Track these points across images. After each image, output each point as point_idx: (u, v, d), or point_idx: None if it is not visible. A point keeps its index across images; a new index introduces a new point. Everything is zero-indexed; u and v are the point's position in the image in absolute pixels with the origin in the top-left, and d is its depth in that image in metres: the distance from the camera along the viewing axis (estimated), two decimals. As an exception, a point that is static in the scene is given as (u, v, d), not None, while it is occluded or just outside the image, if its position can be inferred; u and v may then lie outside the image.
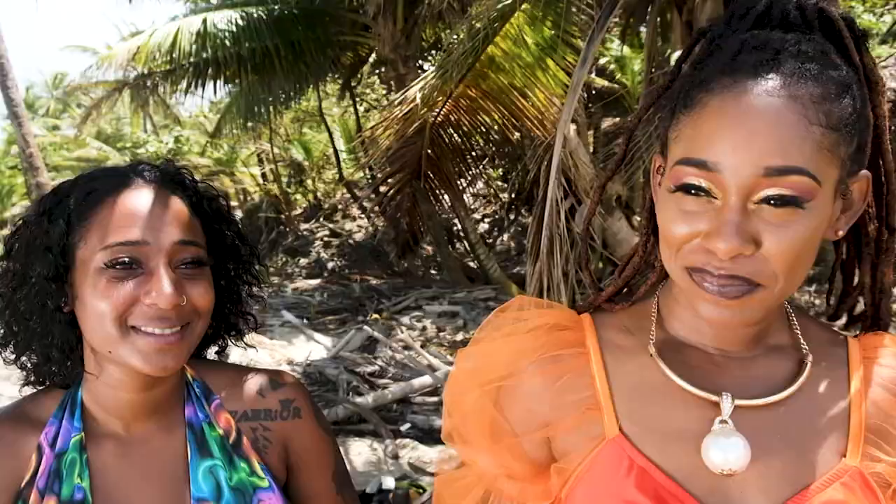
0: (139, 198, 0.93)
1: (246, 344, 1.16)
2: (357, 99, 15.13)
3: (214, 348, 1.14)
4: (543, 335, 0.82)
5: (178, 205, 0.95)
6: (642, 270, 0.85)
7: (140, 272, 0.90)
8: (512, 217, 14.19)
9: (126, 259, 0.90)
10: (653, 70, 3.63)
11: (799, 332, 0.80)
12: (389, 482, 4.12)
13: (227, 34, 9.77)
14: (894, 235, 0.77)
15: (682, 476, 0.73)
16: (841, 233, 0.73)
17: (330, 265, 14.78)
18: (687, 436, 0.74)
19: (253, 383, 1.09)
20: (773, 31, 0.68)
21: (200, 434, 1.01)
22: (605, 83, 10.17)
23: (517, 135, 6.75)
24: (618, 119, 12.51)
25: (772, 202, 0.65)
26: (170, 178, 0.98)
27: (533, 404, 0.80)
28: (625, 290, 0.87)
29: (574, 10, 4.21)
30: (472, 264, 11.54)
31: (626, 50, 10.42)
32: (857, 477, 0.73)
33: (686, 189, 0.69)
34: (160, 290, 0.89)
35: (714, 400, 0.74)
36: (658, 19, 3.95)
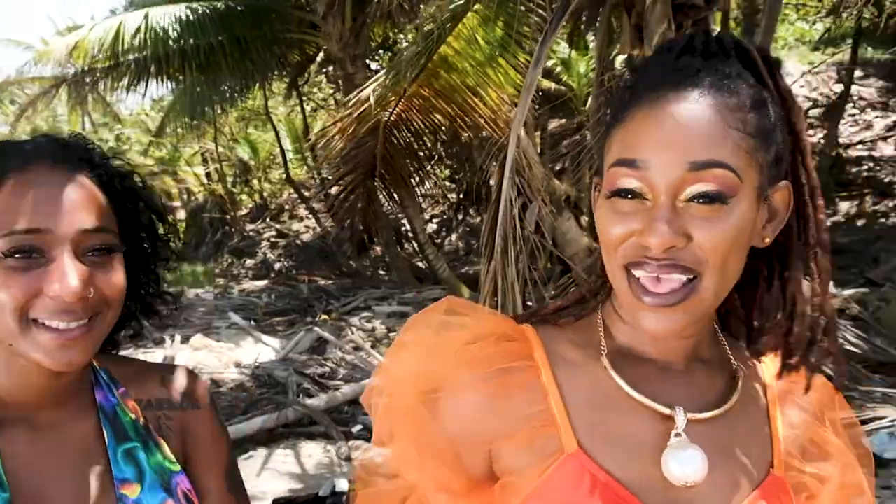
0: (40, 178, 0.84)
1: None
2: (304, 98, 14.98)
3: (129, 332, 1.07)
4: (489, 346, 0.79)
5: (85, 186, 0.87)
6: (597, 290, 0.85)
7: (42, 261, 0.82)
8: (460, 217, 14.25)
9: (26, 248, 0.81)
10: (602, 72, 3.72)
11: (727, 347, 0.84)
12: (343, 484, 4.09)
13: (170, 30, 9.54)
14: (821, 255, 0.80)
15: (641, 489, 0.74)
16: (767, 240, 0.76)
17: (277, 266, 14.59)
18: (644, 449, 0.75)
19: (155, 374, 1.05)
20: (693, 57, 0.74)
21: (114, 418, 0.97)
22: (553, 85, 10.30)
23: (466, 134, 6.79)
24: (564, 121, 12.69)
25: (699, 199, 0.69)
26: (77, 154, 0.89)
27: (478, 418, 0.77)
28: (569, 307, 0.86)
29: (524, 10, 4.25)
30: (420, 265, 11.55)
31: (572, 52, 10.58)
32: (782, 486, 0.78)
33: (620, 193, 0.72)
34: (64, 281, 0.81)
35: (666, 413, 0.76)
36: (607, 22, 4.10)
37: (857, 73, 12.86)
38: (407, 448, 0.80)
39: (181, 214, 19.88)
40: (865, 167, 12.28)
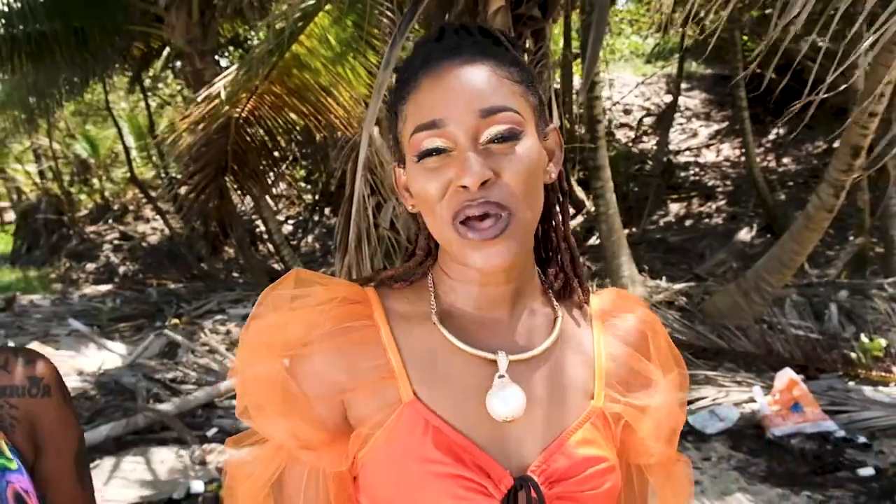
0: None
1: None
2: (149, 93, 14.26)
3: None
4: (333, 308, 0.86)
5: None
6: (423, 258, 0.94)
7: None
8: (316, 218, 14.12)
9: None
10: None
11: (552, 295, 0.95)
12: (198, 486, 4.00)
13: (-4, 14, 8.79)
14: (565, 194, 0.95)
15: (470, 429, 0.82)
16: (553, 175, 0.89)
17: (122, 269, 13.80)
18: (471, 392, 0.84)
19: (0, 359, 1.04)
20: (450, 39, 0.87)
21: None
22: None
23: (321, 135, 6.78)
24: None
25: (496, 140, 0.80)
26: None
27: (326, 374, 0.84)
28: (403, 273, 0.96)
29: (376, 12, 4.34)
30: (276, 266, 11.35)
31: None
32: (601, 416, 0.89)
33: (426, 153, 0.82)
34: None
35: (491, 358, 0.85)
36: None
37: (684, 86, 13.95)
38: (271, 413, 0.84)
39: (10, 216, 18.34)
40: (692, 172, 13.36)
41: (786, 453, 4.26)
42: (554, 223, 0.96)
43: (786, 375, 4.68)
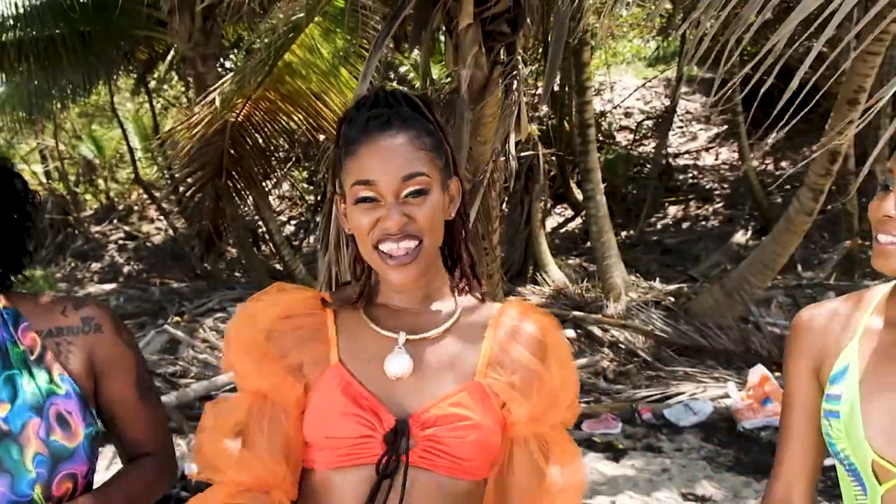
0: None
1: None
2: (153, 96, 14.49)
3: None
4: (299, 301, 1.24)
5: None
6: (366, 282, 1.25)
7: None
8: (318, 219, 14.28)
9: None
10: (426, 87, 4.13)
11: (459, 298, 1.25)
12: (191, 468, 4.20)
13: (4, 19, 9.02)
14: (466, 222, 1.27)
15: (371, 385, 1.14)
16: (452, 213, 1.22)
17: (126, 269, 14.02)
18: (377, 360, 1.16)
19: (58, 306, 1.34)
20: (381, 108, 1.17)
21: (3, 350, 1.25)
22: (405, 90, 10.62)
23: (322, 137, 6.98)
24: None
25: (412, 195, 1.13)
26: None
27: (287, 340, 1.19)
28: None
29: (362, 24, 4.55)
30: (277, 266, 11.54)
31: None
32: (479, 388, 1.16)
33: (362, 200, 1.14)
34: None
35: (395, 336, 1.18)
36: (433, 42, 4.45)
37: (684, 89, 14.08)
38: (248, 366, 1.18)
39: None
40: (690, 175, 13.50)
41: (754, 444, 4.45)
42: (457, 241, 1.27)
43: (758, 371, 4.86)
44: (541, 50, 11.65)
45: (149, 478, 1.39)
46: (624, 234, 11.52)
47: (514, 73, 3.23)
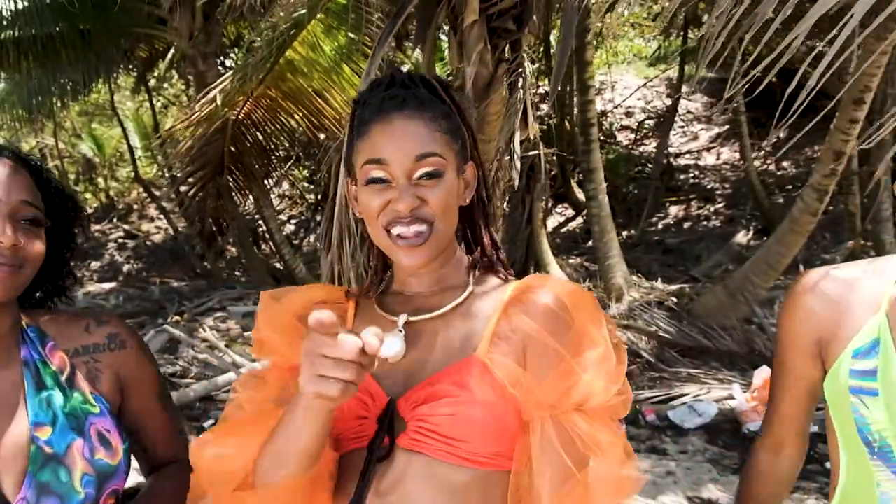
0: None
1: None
2: (154, 94, 14.45)
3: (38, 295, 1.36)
4: (329, 292, 1.29)
5: (24, 175, 1.21)
6: (379, 271, 1.27)
7: None
8: (318, 218, 14.27)
9: None
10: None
11: (473, 277, 1.20)
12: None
13: (3, 16, 8.97)
14: (490, 204, 1.25)
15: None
16: (468, 200, 1.19)
17: (126, 268, 14.00)
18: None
19: (81, 324, 1.32)
20: (398, 90, 1.14)
21: (35, 371, 1.22)
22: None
23: (323, 136, 6.95)
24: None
25: (425, 177, 1.09)
26: (22, 158, 1.25)
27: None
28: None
29: (365, 21, 4.52)
30: (278, 265, 11.51)
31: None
32: (479, 363, 1.07)
33: (373, 181, 1.10)
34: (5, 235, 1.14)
35: (396, 319, 1.16)
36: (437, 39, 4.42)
37: (685, 89, 14.05)
38: (281, 342, 1.19)
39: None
40: (692, 175, 13.47)
41: (759, 447, 4.39)
42: (478, 225, 1.24)
43: (764, 373, 4.81)
44: (542, 49, 11.67)
45: (182, 485, 1.38)
46: (625, 233, 11.49)
47: (520, 70, 3.19)
